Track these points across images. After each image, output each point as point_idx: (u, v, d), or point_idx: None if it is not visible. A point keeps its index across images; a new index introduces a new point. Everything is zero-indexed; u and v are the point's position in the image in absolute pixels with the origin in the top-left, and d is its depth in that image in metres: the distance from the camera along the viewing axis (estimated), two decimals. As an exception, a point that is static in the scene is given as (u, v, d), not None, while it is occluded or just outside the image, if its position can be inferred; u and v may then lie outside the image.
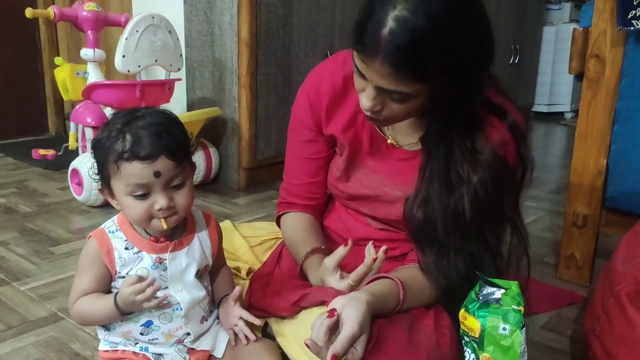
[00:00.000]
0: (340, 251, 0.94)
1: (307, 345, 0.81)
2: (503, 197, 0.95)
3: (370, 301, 0.85)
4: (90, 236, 0.89)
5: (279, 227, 1.16)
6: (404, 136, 1.02)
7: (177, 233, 0.92)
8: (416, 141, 0.99)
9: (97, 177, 0.88)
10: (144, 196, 0.83)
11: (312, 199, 1.13)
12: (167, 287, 0.89)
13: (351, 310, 0.82)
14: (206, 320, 0.95)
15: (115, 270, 0.87)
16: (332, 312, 0.82)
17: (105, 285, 0.88)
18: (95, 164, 0.87)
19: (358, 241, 1.10)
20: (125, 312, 0.86)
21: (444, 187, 0.91)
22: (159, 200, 0.83)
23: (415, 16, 0.76)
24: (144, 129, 0.82)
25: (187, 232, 0.93)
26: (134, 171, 0.81)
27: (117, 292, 0.85)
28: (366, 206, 1.06)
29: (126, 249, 0.88)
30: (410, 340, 0.85)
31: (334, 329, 0.81)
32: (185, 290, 0.90)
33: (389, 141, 1.02)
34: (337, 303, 0.84)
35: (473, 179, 0.89)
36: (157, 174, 0.82)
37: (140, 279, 0.83)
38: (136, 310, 0.86)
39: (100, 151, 0.84)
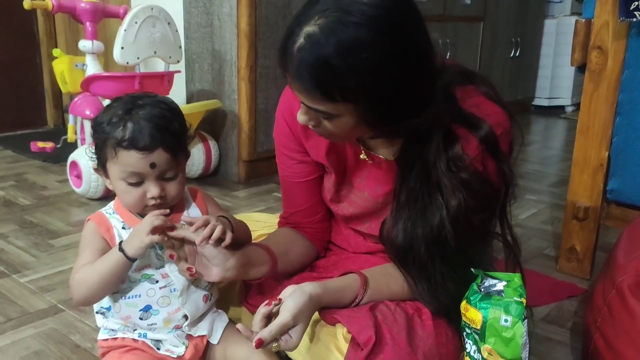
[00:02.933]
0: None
1: (238, 329, 0.84)
2: (487, 214, 0.92)
3: (315, 293, 0.86)
4: (88, 219, 0.91)
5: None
6: (384, 150, 0.97)
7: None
8: (392, 156, 0.96)
9: (94, 156, 0.90)
10: (137, 184, 0.86)
11: (321, 219, 1.10)
12: (164, 267, 0.90)
13: (290, 301, 0.84)
14: (209, 300, 0.96)
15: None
16: (270, 301, 0.85)
17: None
18: (93, 144, 0.90)
19: (358, 253, 1.10)
20: (132, 256, 0.83)
21: (421, 213, 0.88)
22: (152, 189, 0.86)
23: (323, 35, 0.73)
24: (145, 120, 0.84)
25: (176, 211, 0.94)
26: (131, 160, 0.84)
27: (121, 241, 0.85)
28: (362, 225, 1.05)
29: (123, 228, 0.90)
30: (409, 343, 0.85)
31: (274, 316, 0.84)
32: (181, 266, 0.90)
33: (361, 156, 0.98)
34: (284, 292, 0.87)
35: (452, 202, 0.85)
36: (152, 165, 0.85)
37: None
38: (143, 250, 0.83)
39: (100, 134, 0.87)
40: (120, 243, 0.84)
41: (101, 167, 0.90)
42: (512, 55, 3.93)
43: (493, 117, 0.89)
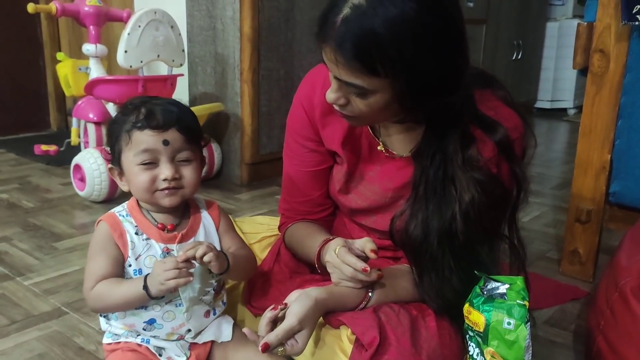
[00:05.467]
0: (367, 245, 0.90)
1: (245, 333, 0.85)
2: (497, 215, 0.93)
3: (321, 298, 0.87)
4: (100, 220, 0.90)
5: (284, 241, 1.13)
6: (398, 145, 0.98)
7: (183, 223, 0.92)
8: (409, 152, 0.97)
9: (110, 155, 0.91)
10: (150, 165, 0.86)
11: (322, 210, 1.10)
12: None
13: (296, 305, 0.84)
14: (214, 313, 0.96)
15: (128, 255, 0.88)
16: (276, 306, 0.86)
17: (120, 268, 0.88)
18: (109, 143, 0.91)
19: None
20: (154, 296, 0.84)
21: (436, 206, 0.89)
22: (165, 171, 0.86)
23: (370, 6, 0.75)
24: (158, 105, 0.87)
25: (193, 222, 0.93)
26: (144, 138, 0.85)
27: (147, 275, 0.84)
28: (367, 219, 1.05)
29: (136, 234, 0.89)
30: (413, 344, 0.85)
31: (280, 321, 0.84)
32: (190, 285, 0.90)
33: (378, 147, 0.99)
34: (290, 297, 0.88)
35: (465, 197, 0.87)
36: (165, 142, 0.85)
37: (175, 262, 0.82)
38: (165, 293, 0.84)
39: (115, 126, 0.88)
40: (145, 278, 0.83)
41: (116, 163, 0.90)
42: (514, 57, 3.93)
43: (509, 121, 0.91)
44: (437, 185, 0.89)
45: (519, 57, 3.96)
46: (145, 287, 0.83)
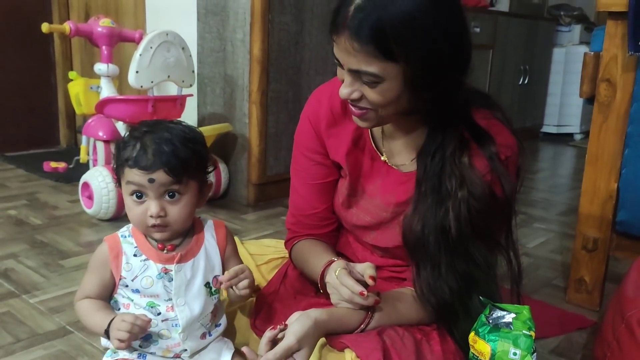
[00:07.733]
0: (367, 271, 0.91)
1: (244, 352, 0.86)
2: (489, 220, 0.94)
3: (321, 319, 0.88)
4: (104, 240, 0.93)
5: (290, 258, 1.14)
6: (400, 156, 1.02)
7: (184, 243, 0.93)
8: (410, 161, 1.00)
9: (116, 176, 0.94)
10: (140, 200, 0.88)
11: (327, 224, 1.12)
12: (171, 299, 0.90)
13: (295, 325, 0.86)
14: (209, 335, 0.95)
15: (121, 276, 0.89)
16: (276, 325, 0.87)
17: (107, 290, 0.92)
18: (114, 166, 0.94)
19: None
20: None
21: (435, 201, 0.92)
22: (151, 207, 0.87)
23: None
24: (153, 142, 0.87)
25: (194, 243, 0.94)
26: (132, 175, 0.87)
27: (113, 319, 0.86)
28: (368, 236, 1.06)
29: (135, 255, 0.90)
30: None
31: (280, 341, 0.86)
32: (187, 305, 0.90)
33: (382, 158, 1.02)
34: (291, 318, 0.89)
35: (458, 194, 0.90)
36: (151, 180, 0.86)
37: (138, 321, 0.85)
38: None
39: (117, 153, 0.91)
40: (110, 324, 0.86)
41: (119, 184, 0.92)
42: (520, 82, 3.95)
43: (504, 140, 0.94)
44: (435, 181, 0.92)
45: (526, 82, 3.98)
46: (107, 330, 0.86)
